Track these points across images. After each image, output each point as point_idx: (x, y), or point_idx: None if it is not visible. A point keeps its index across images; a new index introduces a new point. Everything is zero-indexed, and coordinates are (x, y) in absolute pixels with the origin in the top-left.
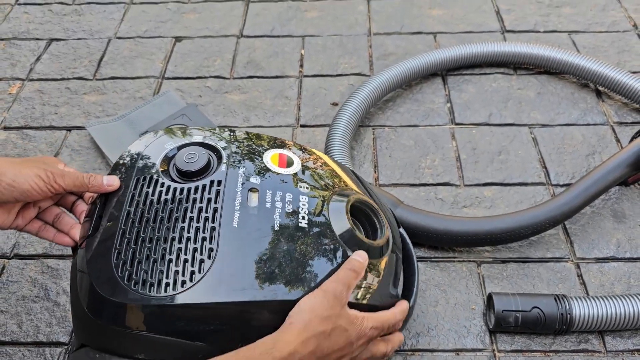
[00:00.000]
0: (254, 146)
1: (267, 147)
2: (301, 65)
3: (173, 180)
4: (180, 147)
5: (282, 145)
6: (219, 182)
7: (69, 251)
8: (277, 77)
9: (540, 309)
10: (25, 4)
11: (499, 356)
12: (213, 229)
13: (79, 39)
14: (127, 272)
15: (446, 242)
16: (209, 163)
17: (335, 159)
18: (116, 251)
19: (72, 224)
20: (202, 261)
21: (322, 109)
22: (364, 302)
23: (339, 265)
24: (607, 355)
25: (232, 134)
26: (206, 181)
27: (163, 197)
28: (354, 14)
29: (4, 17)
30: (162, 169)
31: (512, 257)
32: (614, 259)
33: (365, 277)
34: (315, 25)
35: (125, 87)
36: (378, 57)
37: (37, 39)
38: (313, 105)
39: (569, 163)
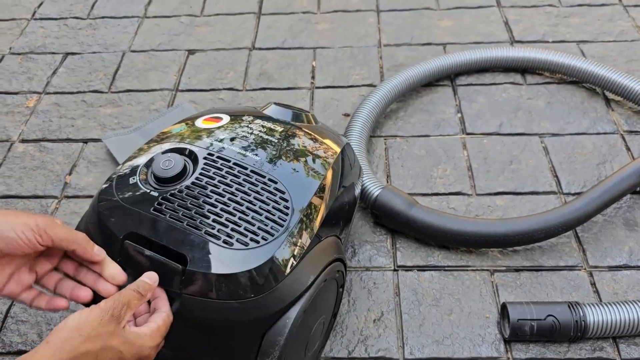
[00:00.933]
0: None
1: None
2: (313, 77)
3: (153, 187)
4: (168, 151)
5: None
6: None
7: None
8: (289, 88)
9: (555, 317)
10: (41, 18)
11: None
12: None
13: (94, 52)
14: None
15: (461, 243)
16: (184, 168)
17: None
18: None
19: (72, 286)
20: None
21: (335, 119)
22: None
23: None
24: None
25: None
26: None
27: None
28: (364, 26)
29: (21, 31)
30: (142, 178)
31: (525, 265)
32: (626, 266)
33: None
34: (326, 37)
35: (140, 99)
36: (389, 68)
37: (53, 53)
38: (325, 117)
39: (580, 172)
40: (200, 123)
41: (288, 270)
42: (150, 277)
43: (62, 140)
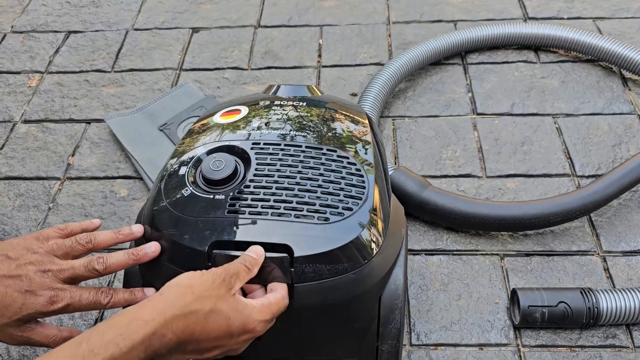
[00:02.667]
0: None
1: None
2: (319, 55)
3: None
4: (209, 152)
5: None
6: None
7: None
8: (295, 67)
9: (567, 304)
10: None
11: (523, 351)
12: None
13: (96, 30)
14: None
15: (474, 226)
16: (235, 170)
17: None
18: None
19: None
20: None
21: None
22: None
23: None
24: (635, 351)
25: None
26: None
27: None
28: (372, 3)
29: (23, 9)
30: (194, 188)
31: (537, 250)
32: None
33: None
34: (333, 15)
35: (143, 79)
36: (397, 46)
37: (56, 31)
38: None
39: (594, 154)
40: (220, 119)
41: (383, 230)
42: (255, 251)
43: (64, 121)
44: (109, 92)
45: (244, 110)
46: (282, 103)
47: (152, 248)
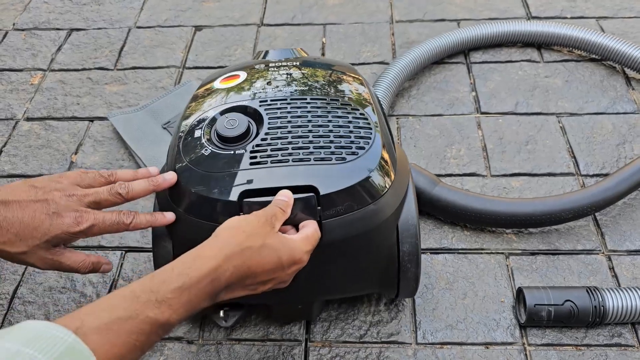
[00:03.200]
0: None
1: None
2: (323, 54)
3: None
4: (222, 112)
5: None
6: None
7: (94, 242)
8: None
9: (573, 302)
10: None
11: (529, 350)
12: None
13: (99, 28)
14: None
15: (485, 222)
16: (249, 127)
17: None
18: None
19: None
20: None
21: None
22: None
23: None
24: None
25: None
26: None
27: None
28: (375, 1)
29: (24, 7)
30: (206, 138)
31: (542, 249)
32: None
33: None
34: (337, 13)
35: (146, 77)
36: (401, 45)
37: (58, 29)
38: None
39: (598, 153)
40: (222, 84)
41: (393, 165)
42: (285, 194)
43: (67, 119)
44: (112, 90)
45: (243, 74)
46: (277, 64)
47: (170, 175)
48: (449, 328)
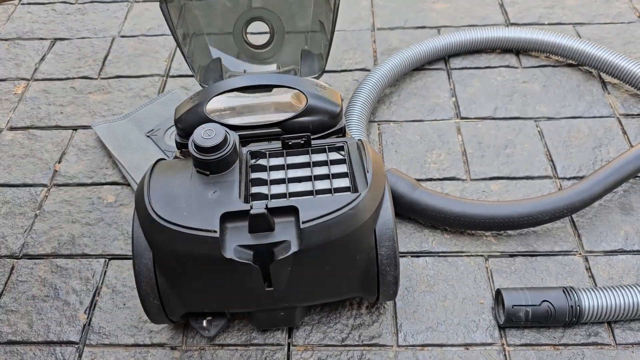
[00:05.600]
0: None
1: None
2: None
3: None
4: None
5: None
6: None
7: (78, 250)
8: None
9: (550, 302)
10: (28, 3)
11: (508, 350)
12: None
13: (83, 38)
14: None
15: (464, 225)
16: (225, 139)
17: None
18: None
19: None
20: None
21: None
22: None
23: None
24: (617, 348)
25: None
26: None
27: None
28: (357, 9)
29: (8, 17)
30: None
31: (520, 250)
32: (622, 251)
33: None
34: None
35: (130, 85)
36: (382, 52)
37: (41, 38)
38: None
39: (575, 156)
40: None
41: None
42: None
43: (51, 128)
44: (96, 99)
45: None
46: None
47: None
48: (430, 330)
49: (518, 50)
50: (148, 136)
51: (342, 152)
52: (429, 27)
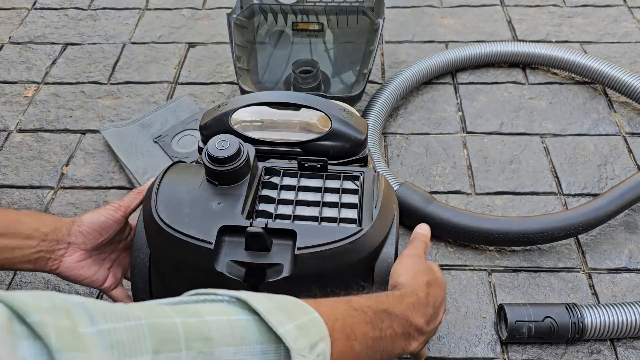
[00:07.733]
0: None
1: None
2: None
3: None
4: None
5: None
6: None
7: None
8: None
9: (553, 319)
10: (41, 8)
11: None
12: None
13: (94, 43)
14: None
15: (478, 240)
16: (239, 150)
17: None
18: None
19: None
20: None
21: None
22: None
23: None
24: None
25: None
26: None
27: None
28: None
29: (21, 21)
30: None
31: (524, 266)
32: (626, 269)
33: None
34: None
35: (139, 91)
36: (390, 65)
37: (53, 43)
38: None
39: (580, 173)
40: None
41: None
42: (423, 228)
43: (59, 131)
44: (105, 104)
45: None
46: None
47: None
48: (431, 343)
49: (525, 65)
50: (155, 142)
51: (357, 182)
52: (437, 42)
